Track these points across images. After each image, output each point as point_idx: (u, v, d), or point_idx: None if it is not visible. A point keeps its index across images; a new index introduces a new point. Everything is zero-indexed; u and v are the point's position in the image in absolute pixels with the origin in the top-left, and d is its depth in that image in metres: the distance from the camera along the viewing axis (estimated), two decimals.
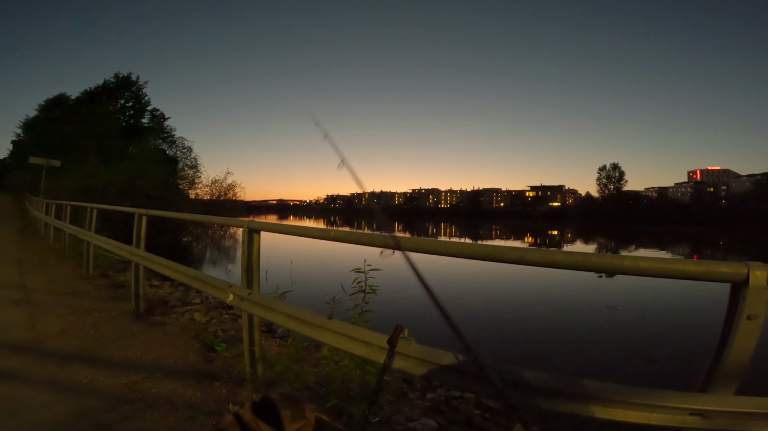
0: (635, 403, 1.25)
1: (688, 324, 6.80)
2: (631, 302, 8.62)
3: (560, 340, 5.85)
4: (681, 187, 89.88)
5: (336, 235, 2.11)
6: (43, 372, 2.78)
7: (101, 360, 3.05)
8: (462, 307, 7.53)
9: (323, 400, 2.45)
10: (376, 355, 1.79)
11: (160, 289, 6.42)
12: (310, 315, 2.15)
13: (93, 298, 4.92)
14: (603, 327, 6.79)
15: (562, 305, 8.08)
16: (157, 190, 17.70)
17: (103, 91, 38.12)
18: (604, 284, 10.48)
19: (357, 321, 2.37)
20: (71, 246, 7.97)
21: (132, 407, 2.34)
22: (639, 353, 5.44)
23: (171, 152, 33.92)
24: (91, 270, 6.38)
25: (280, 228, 2.63)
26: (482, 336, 5.96)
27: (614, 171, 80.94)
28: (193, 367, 3.01)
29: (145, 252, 4.24)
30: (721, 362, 1.25)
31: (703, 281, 1.27)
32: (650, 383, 1.33)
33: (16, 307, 4.36)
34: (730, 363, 1.23)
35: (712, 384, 1.27)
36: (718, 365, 1.26)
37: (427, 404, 3.20)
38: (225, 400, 2.49)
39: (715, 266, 1.25)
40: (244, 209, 28.28)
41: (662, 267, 1.31)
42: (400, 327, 1.41)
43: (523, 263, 1.45)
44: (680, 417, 1.21)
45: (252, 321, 2.67)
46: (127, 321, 4.10)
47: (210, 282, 3.00)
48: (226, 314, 5.16)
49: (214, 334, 3.97)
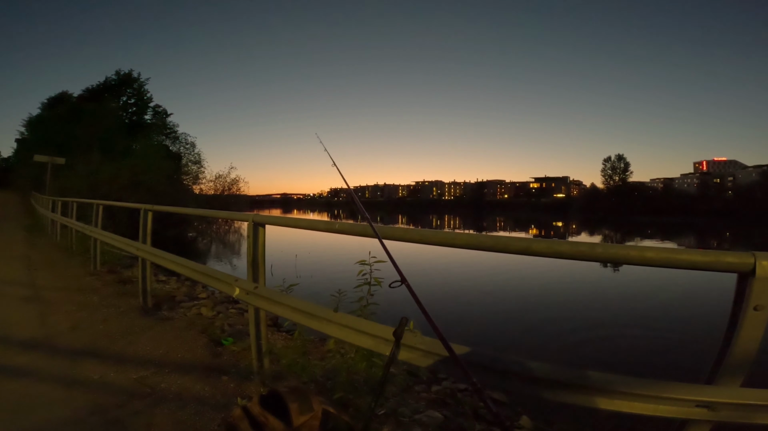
0: (641, 395, 1.25)
1: (695, 315, 6.79)
2: (637, 292, 8.61)
3: (564, 332, 5.85)
4: (687, 178, 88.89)
5: (341, 228, 2.12)
6: (54, 369, 2.81)
7: (111, 355, 3.08)
8: (470, 298, 7.56)
9: (330, 393, 2.47)
10: (382, 347, 1.80)
11: (167, 284, 6.48)
12: (315, 308, 2.16)
13: (101, 294, 4.97)
14: (608, 318, 6.79)
15: (566, 296, 8.08)
16: (161, 185, 17.80)
17: (105, 89, 38.20)
18: (609, 275, 10.46)
19: (362, 313, 2.39)
20: (78, 243, 8.04)
21: (142, 402, 2.38)
22: (644, 345, 5.44)
23: (174, 148, 33.98)
24: (98, 267, 6.44)
25: (285, 222, 2.64)
26: (489, 327, 5.99)
27: (619, 162, 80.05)
28: (201, 362, 3.04)
29: (151, 247, 4.26)
30: (728, 353, 1.25)
31: (710, 271, 1.26)
32: (656, 375, 1.33)
33: (26, 304, 4.42)
34: (736, 355, 1.23)
35: (719, 375, 1.26)
36: (725, 357, 1.26)
37: (433, 396, 3.22)
38: (233, 394, 2.51)
39: (722, 256, 1.24)
40: (248, 204, 28.33)
41: (668, 257, 1.30)
42: (406, 319, 1.41)
43: (528, 254, 1.45)
44: (686, 408, 1.21)
45: (258, 315, 2.69)
46: (135, 316, 4.14)
47: (216, 276, 3.02)
48: (233, 308, 5.20)
49: (221, 328, 4.01)
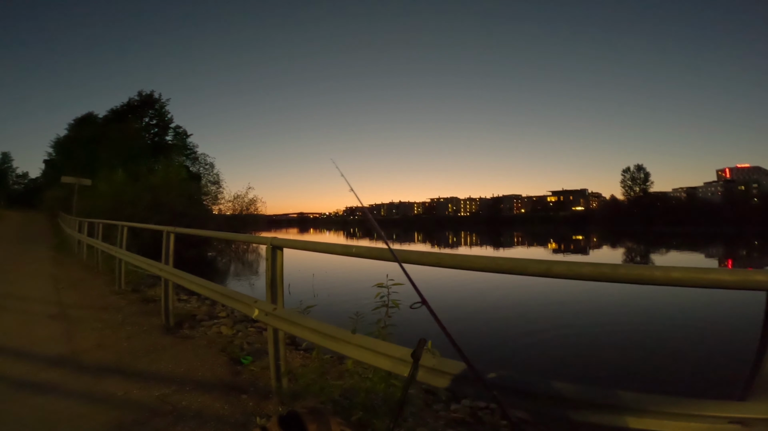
0: (671, 413, 1.22)
1: (725, 331, 6.51)
2: (664, 308, 8.31)
3: (591, 350, 5.68)
4: (711, 187, 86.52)
5: (358, 251, 2.14)
6: (79, 385, 2.88)
7: (135, 373, 3.14)
8: (496, 318, 7.44)
9: (348, 413, 2.45)
10: (400, 368, 1.79)
11: (188, 303, 6.59)
12: (333, 330, 2.17)
13: (125, 313, 5.09)
14: (635, 335, 6.56)
15: (591, 314, 7.86)
16: (182, 206, 18.25)
17: (129, 109, 39.76)
18: (633, 290, 10.15)
19: (380, 335, 2.38)
20: (104, 263, 8.28)
21: (164, 420, 2.41)
22: (674, 363, 5.23)
23: (194, 168, 34.97)
24: (123, 286, 6.60)
25: (303, 245, 2.68)
26: (507, 346, 5.86)
27: (639, 172, 78.44)
28: (221, 380, 3.07)
29: (173, 268, 4.36)
30: (760, 370, 1.22)
31: (738, 290, 1.24)
32: (686, 393, 1.30)
33: (53, 322, 4.56)
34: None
35: (752, 392, 1.23)
36: (757, 373, 1.23)
37: (452, 415, 3.16)
38: (252, 413, 2.52)
39: (750, 275, 1.21)
40: (265, 223, 28.70)
41: (695, 278, 1.27)
42: (424, 340, 1.41)
43: (548, 276, 1.44)
44: (719, 426, 1.18)
45: (277, 335, 2.71)
46: (158, 334, 4.22)
47: (236, 297, 3.07)
48: (252, 327, 5.24)
49: (240, 347, 4.04)
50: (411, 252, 1.74)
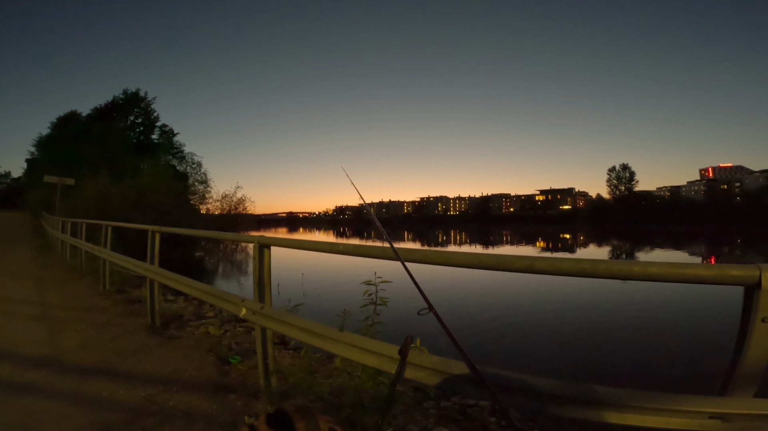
0: (651, 408, 1.23)
1: (705, 326, 6.66)
2: (645, 305, 8.47)
3: (572, 346, 5.76)
4: (694, 186, 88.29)
5: (345, 249, 2.14)
6: (63, 386, 2.84)
7: (120, 373, 3.10)
8: (473, 314, 7.48)
9: (337, 411, 2.46)
10: (388, 366, 1.80)
11: (174, 304, 6.50)
12: (321, 328, 2.17)
13: (110, 313, 5.01)
14: (616, 331, 6.67)
15: (572, 310, 7.97)
16: (168, 205, 17.99)
17: (113, 108, 38.94)
18: (615, 287, 10.31)
19: (368, 332, 2.39)
20: (87, 263, 8.12)
21: (151, 420, 2.38)
22: (654, 358, 5.33)
23: (181, 168, 34.45)
24: (107, 286, 6.49)
25: (290, 243, 2.68)
26: (494, 343, 5.91)
27: (624, 171, 79.69)
28: (209, 380, 3.05)
29: (159, 268, 4.31)
30: (739, 365, 1.24)
31: (715, 285, 1.26)
32: (666, 388, 1.32)
33: (37, 323, 4.47)
34: (747, 366, 1.22)
35: (731, 387, 1.25)
36: (736, 368, 1.24)
37: (442, 413, 3.18)
38: (240, 412, 2.51)
39: (727, 269, 1.23)
40: (254, 223, 28.51)
41: (672, 272, 1.29)
42: (411, 337, 1.42)
43: (531, 272, 1.46)
44: (700, 420, 1.20)
45: (265, 334, 2.70)
46: (144, 335, 4.16)
47: (223, 297, 3.04)
48: (240, 327, 5.20)
49: (229, 347, 4.01)
50: (404, 250, 1.74)
